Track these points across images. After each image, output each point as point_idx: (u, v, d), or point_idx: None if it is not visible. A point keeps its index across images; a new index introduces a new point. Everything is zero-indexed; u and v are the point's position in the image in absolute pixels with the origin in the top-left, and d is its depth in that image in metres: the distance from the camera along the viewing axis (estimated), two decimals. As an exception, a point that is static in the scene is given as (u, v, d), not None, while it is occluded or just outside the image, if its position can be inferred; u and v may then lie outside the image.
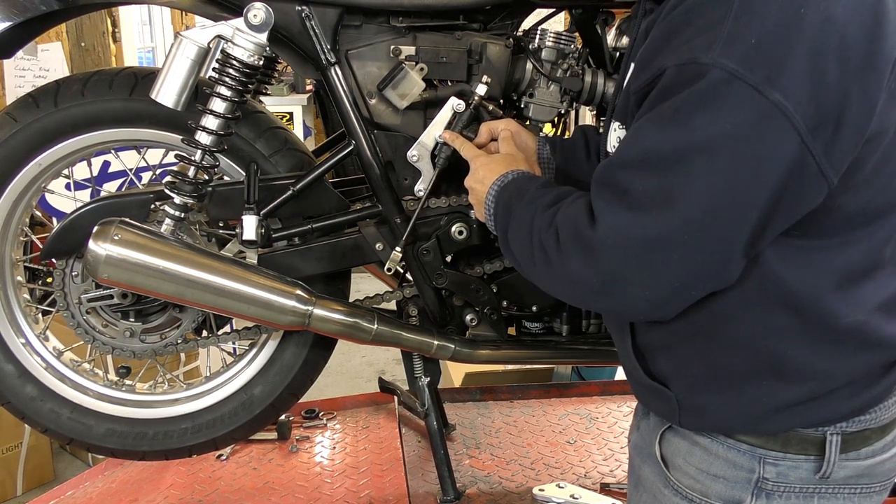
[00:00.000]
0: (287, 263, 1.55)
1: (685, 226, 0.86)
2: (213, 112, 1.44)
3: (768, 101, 0.81)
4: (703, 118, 0.83)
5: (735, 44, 0.82)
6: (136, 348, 1.62)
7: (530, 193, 1.11)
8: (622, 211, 0.89)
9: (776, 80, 0.81)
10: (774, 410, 0.96)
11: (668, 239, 0.87)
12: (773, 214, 0.86)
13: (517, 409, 2.28)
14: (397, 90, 1.48)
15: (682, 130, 0.84)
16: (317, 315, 1.50)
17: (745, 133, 0.82)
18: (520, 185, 1.16)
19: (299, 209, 1.55)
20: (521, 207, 1.09)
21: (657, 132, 0.87)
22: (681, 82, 0.85)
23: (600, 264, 0.91)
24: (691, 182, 0.84)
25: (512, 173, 1.20)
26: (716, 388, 0.99)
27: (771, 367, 0.95)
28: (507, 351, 1.68)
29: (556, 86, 1.53)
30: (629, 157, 0.91)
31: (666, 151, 0.86)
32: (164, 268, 1.41)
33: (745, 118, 0.82)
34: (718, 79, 0.82)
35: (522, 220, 1.07)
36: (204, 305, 1.48)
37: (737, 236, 0.86)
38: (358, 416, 2.21)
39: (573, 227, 0.95)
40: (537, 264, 1.02)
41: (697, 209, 0.85)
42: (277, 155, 1.58)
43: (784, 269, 0.91)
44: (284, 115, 5.43)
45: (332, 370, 3.97)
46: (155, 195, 1.54)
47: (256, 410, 1.68)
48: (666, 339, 1.02)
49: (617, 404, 2.32)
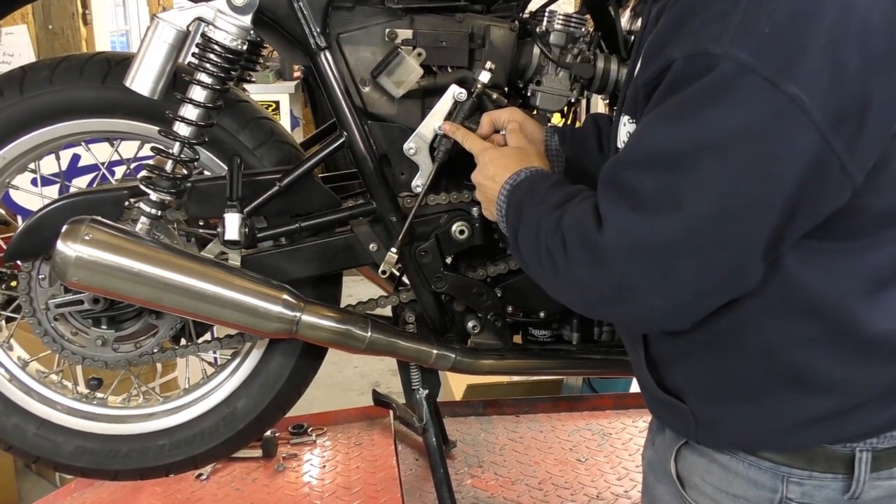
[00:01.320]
0: (273, 265, 1.55)
1: (698, 228, 0.86)
2: (192, 101, 1.44)
3: (784, 95, 0.81)
4: (713, 113, 0.84)
5: (747, 33, 0.83)
6: (109, 358, 1.62)
7: (540, 193, 1.11)
8: (630, 213, 0.89)
9: (792, 72, 0.81)
10: (797, 425, 0.96)
11: (679, 243, 0.87)
12: (793, 216, 0.86)
13: (523, 424, 2.29)
14: (393, 77, 1.48)
15: (692, 126, 0.85)
16: (305, 322, 1.50)
17: (759, 129, 0.83)
18: (532, 183, 1.17)
19: (286, 206, 1.55)
20: (531, 208, 1.09)
21: (665, 129, 0.87)
22: (689, 75, 0.85)
23: (608, 271, 0.92)
24: (702, 181, 0.85)
25: (525, 171, 1.20)
26: (734, 402, 0.99)
27: (793, 379, 0.95)
28: (513, 361, 1.68)
29: (565, 72, 1.53)
30: (636, 155, 0.91)
31: (675, 149, 0.86)
32: (139, 270, 1.41)
33: (758, 113, 0.82)
34: (729, 71, 0.82)
35: (531, 223, 1.07)
36: (182, 311, 1.48)
37: (754, 239, 0.87)
38: (350, 431, 2.21)
39: (579, 230, 0.96)
40: (545, 270, 1.02)
41: (710, 210, 0.85)
42: (262, 147, 1.58)
43: (806, 274, 0.92)
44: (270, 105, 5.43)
45: (322, 382, 3.94)
46: (129, 191, 1.54)
47: (240, 425, 1.68)
48: (681, 349, 1.02)
49: (632, 419, 2.32)
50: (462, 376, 2.73)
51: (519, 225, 1.11)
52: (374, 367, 4.29)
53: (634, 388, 2.79)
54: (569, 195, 1.06)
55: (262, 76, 5.41)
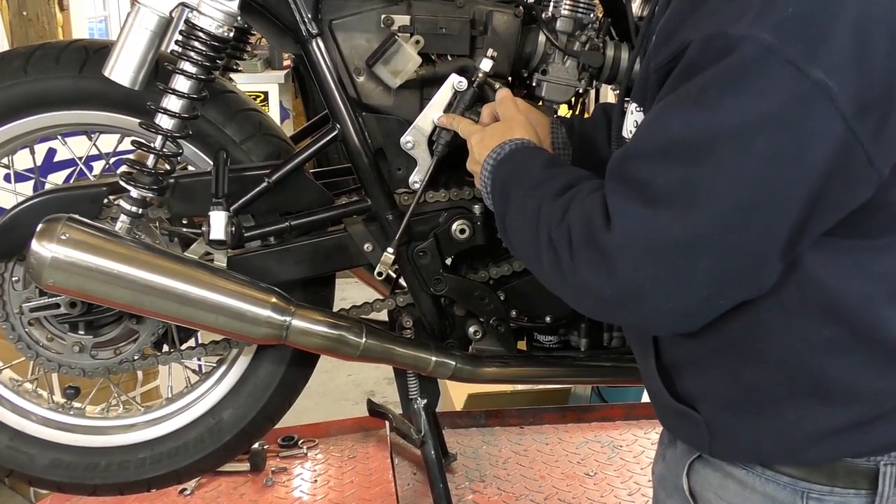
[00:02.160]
0: (261, 267, 1.55)
1: (714, 225, 0.85)
2: (175, 92, 1.44)
3: (808, 80, 0.81)
4: (733, 100, 0.83)
5: (769, 13, 0.82)
6: (87, 365, 1.62)
7: (535, 175, 1.10)
8: (641, 209, 0.89)
9: (817, 55, 0.81)
10: (818, 437, 0.96)
11: (694, 241, 0.86)
12: (815, 211, 0.86)
13: (528, 435, 2.29)
14: (389, 66, 1.48)
15: (710, 114, 0.84)
16: (296, 327, 1.50)
17: (782, 117, 0.82)
18: (518, 160, 1.16)
19: (275, 204, 1.56)
20: (524, 191, 1.08)
21: (680, 117, 0.86)
22: (707, 58, 0.85)
23: (616, 272, 0.91)
24: (720, 174, 0.84)
25: (509, 144, 1.19)
26: (750, 412, 0.99)
27: (813, 388, 0.95)
28: (517, 368, 1.68)
29: (572, 61, 1.53)
30: (648, 145, 0.90)
31: (691, 139, 0.85)
32: (118, 272, 1.41)
33: (781, 99, 0.82)
34: (751, 54, 0.82)
35: (526, 207, 1.06)
36: (165, 316, 1.49)
37: (773, 237, 0.86)
38: (343, 443, 2.21)
39: (586, 227, 0.94)
40: (545, 264, 1.01)
41: (728, 205, 0.84)
42: (250, 141, 1.58)
43: (827, 275, 0.91)
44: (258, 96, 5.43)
45: (314, 391, 3.96)
46: (108, 188, 1.54)
47: (226, 437, 1.69)
48: (694, 355, 1.02)
49: (644, 430, 2.32)
50: (463, 385, 2.74)
51: (507, 206, 1.10)
52: (368, 376, 4.29)
53: (647, 397, 2.79)
54: (573, 180, 1.05)
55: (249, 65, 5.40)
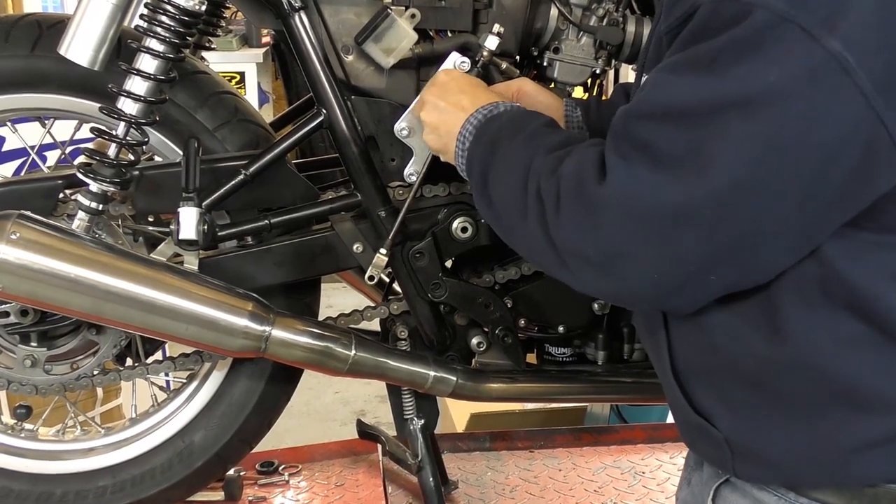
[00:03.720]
0: (237, 270, 1.56)
1: (708, 196, 0.89)
2: (140, 72, 1.44)
3: (823, 50, 0.83)
4: (743, 68, 0.86)
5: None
6: (40, 381, 1.62)
7: (531, 128, 1.13)
8: (637, 167, 0.93)
9: (835, 25, 0.83)
10: (852, 452, 0.96)
11: (685, 209, 0.90)
12: (829, 197, 0.88)
13: (539, 461, 2.28)
14: (381, 44, 1.48)
15: (719, 81, 0.87)
16: (276, 338, 1.50)
17: (794, 89, 0.84)
18: (515, 118, 1.19)
19: (253, 199, 1.56)
20: (517, 144, 1.12)
21: (688, 80, 0.90)
22: (717, 23, 0.88)
23: (600, 229, 0.95)
24: (721, 144, 0.87)
25: (505, 104, 1.22)
26: (775, 424, 0.99)
27: (843, 392, 0.95)
28: (526, 385, 1.68)
29: (588, 38, 1.53)
30: (653, 106, 0.94)
31: (698, 104, 0.89)
32: (76, 276, 1.41)
33: (792, 71, 0.84)
34: (764, 21, 0.85)
35: (516, 160, 1.09)
36: (128, 325, 1.49)
37: (773, 219, 0.89)
38: (330, 469, 2.21)
39: (577, 178, 0.98)
40: (528, 218, 1.04)
41: (725, 178, 0.87)
42: (225, 128, 1.58)
43: (853, 270, 0.92)
44: (234, 77, 5.43)
45: (297, 410, 3.96)
46: (64, 181, 1.54)
47: (197, 463, 1.69)
48: (708, 359, 1.03)
49: (669, 455, 2.32)
50: (465, 404, 2.73)
51: (492, 163, 1.14)
52: (358, 393, 4.29)
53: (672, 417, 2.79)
54: (572, 139, 1.08)
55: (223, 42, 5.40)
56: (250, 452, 1.79)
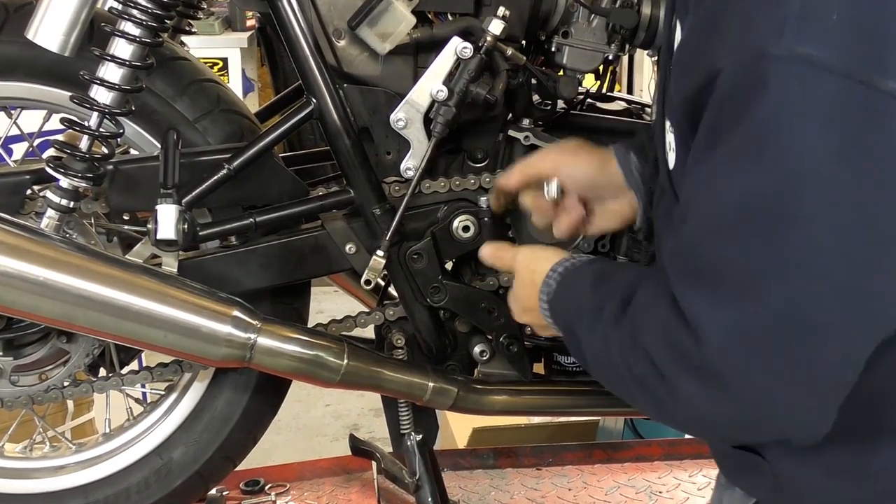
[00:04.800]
0: (220, 272, 1.56)
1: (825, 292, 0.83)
2: (115, 59, 1.44)
3: (882, 94, 0.79)
4: (798, 139, 0.81)
5: (813, 23, 0.80)
6: (6, 394, 1.62)
7: (586, 302, 1.09)
8: (726, 305, 0.86)
9: (884, 62, 0.80)
10: None
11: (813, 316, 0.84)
12: None
13: (547, 479, 2.28)
14: (377, 28, 1.48)
15: (776, 164, 0.82)
16: (262, 346, 1.50)
17: (863, 142, 0.80)
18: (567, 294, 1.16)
19: (237, 195, 1.56)
20: (585, 329, 1.09)
21: (740, 174, 0.84)
22: (749, 89, 0.82)
23: (729, 386, 0.88)
24: (813, 231, 0.82)
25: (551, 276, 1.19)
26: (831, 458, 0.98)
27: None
28: (533, 397, 1.68)
29: (600, 21, 1.53)
30: (709, 220, 0.88)
31: (762, 198, 0.83)
32: (44, 279, 1.41)
33: (856, 123, 0.80)
34: (803, 76, 0.80)
35: (594, 347, 1.07)
36: (101, 332, 1.49)
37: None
38: (321, 489, 2.21)
39: (669, 346, 0.92)
40: (643, 400, 1.01)
41: (836, 263, 0.82)
42: (206, 119, 1.58)
43: None
44: (216, 63, 5.44)
45: (285, 424, 3.97)
46: (32, 176, 1.54)
47: (176, 482, 1.68)
48: None
49: (688, 473, 2.32)
50: (466, 418, 2.73)
51: (581, 346, 1.11)
52: (351, 406, 4.29)
53: (691, 432, 2.79)
54: (627, 293, 1.03)
55: (205, 26, 5.41)
56: (234, 470, 1.79)
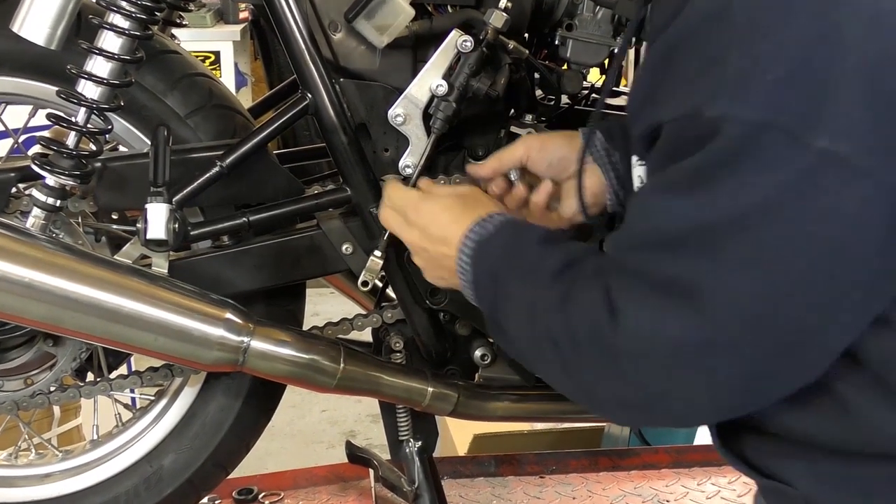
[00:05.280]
0: (212, 273, 1.56)
1: (730, 323, 0.90)
2: (103, 52, 1.44)
3: (811, 151, 0.84)
4: (730, 184, 0.88)
5: (749, 85, 0.86)
6: (-10, 399, 1.62)
7: (526, 255, 1.14)
8: (647, 305, 0.94)
9: (818, 121, 0.84)
10: None
11: (709, 341, 0.92)
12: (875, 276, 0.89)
13: (550, 487, 2.28)
14: (374, 20, 1.48)
15: (707, 202, 0.90)
16: (256, 349, 1.50)
17: (791, 194, 0.87)
18: (508, 241, 1.20)
19: (230, 194, 1.56)
20: (517, 278, 1.14)
21: (675, 203, 0.92)
22: (688, 143, 0.91)
23: (630, 376, 0.98)
24: (728, 267, 0.90)
25: (487, 223, 1.23)
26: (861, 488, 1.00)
27: None
28: (536, 402, 1.68)
29: (606, 13, 1.53)
30: (645, 236, 0.97)
31: (690, 229, 0.92)
32: (30, 280, 1.41)
33: (786, 176, 0.86)
34: (737, 134, 0.87)
35: (521, 298, 1.12)
36: (89, 335, 1.48)
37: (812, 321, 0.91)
38: (316, 497, 2.21)
39: (590, 322, 1.00)
40: (547, 361, 1.08)
41: (742, 301, 0.90)
42: (198, 115, 1.58)
43: None
44: (208, 57, 5.44)
45: (279, 430, 3.96)
46: (17, 174, 1.54)
47: (167, 490, 1.68)
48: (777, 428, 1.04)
49: (696, 481, 2.32)
50: (467, 424, 2.73)
51: (498, 296, 1.16)
52: (347, 412, 4.29)
53: (700, 439, 2.79)
54: (572, 258, 1.10)
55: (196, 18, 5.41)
56: (227, 478, 1.79)
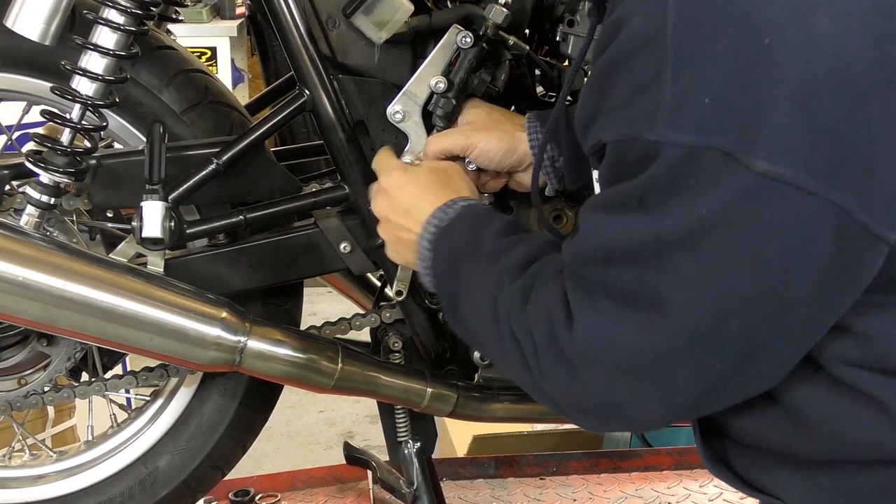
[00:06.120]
0: (208, 272, 1.56)
1: (682, 335, 0.93)
2: (98, 48, 1.44)
3: (750, 173, 0.86)
4: (672, 204, 0.90)
5: (685, 109, 0.88)
6: (-17, 399, 1.62)
7: (487, 245, 1.16)
8: (602, 312, 0.97)
9: (755, 142, 0.85)
10: None
11: (663, 351, 0.94)
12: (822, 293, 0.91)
13: (551, 489, 2.29)
14: (373, 16, 1.48)
15: (651, 220, 0.92)
16: (252, 349, 1.50)
17: (732, 214, 0.88)
18: (468, 227, 1.22)
19: (226, 192, 1.56)
20: (479, 269, 1.15)
21: (622, 220, 0.95)
22: (630, 164, 0.93)
23: (585, 382, 1.00)
24: (676, 282, 0.92)
25: (452, 206, 1.25)
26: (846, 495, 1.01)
27: None
28: (536, 404, 1.67)
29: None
30: (595, 249, 0.98)
31: (638, 245, 0.93)
32: (24, 279, 1.41)
33: (726, 196, 0.87)
34: (676, 157, 0.89)
35: (482, 290, 1.13)
36: (84, 335, 1.49)
37: (762, 335, 0.92)
38: (314, 499, 2.21)
39: (547, 323, 1.02)
40: (507, 356, 1.09)
41: (692, 315, 0.92)
42: (194, 111, 1.58)
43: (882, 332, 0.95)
44: (204, 53, 5.44)
45: (276, 431, 3.97)
46: (11, 171, 1.54)
47: (162, 492, 1.68)
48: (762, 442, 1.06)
49: (699, 482, 2.32)
50: (467, 425, 2.73)
51: (458, 289, 1.18)
52: (345, 413, 4.29)
53: (702, 440, 2.79)
54: (532, 254, 1.11)
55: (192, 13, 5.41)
56: (223, 480, 1.79)
